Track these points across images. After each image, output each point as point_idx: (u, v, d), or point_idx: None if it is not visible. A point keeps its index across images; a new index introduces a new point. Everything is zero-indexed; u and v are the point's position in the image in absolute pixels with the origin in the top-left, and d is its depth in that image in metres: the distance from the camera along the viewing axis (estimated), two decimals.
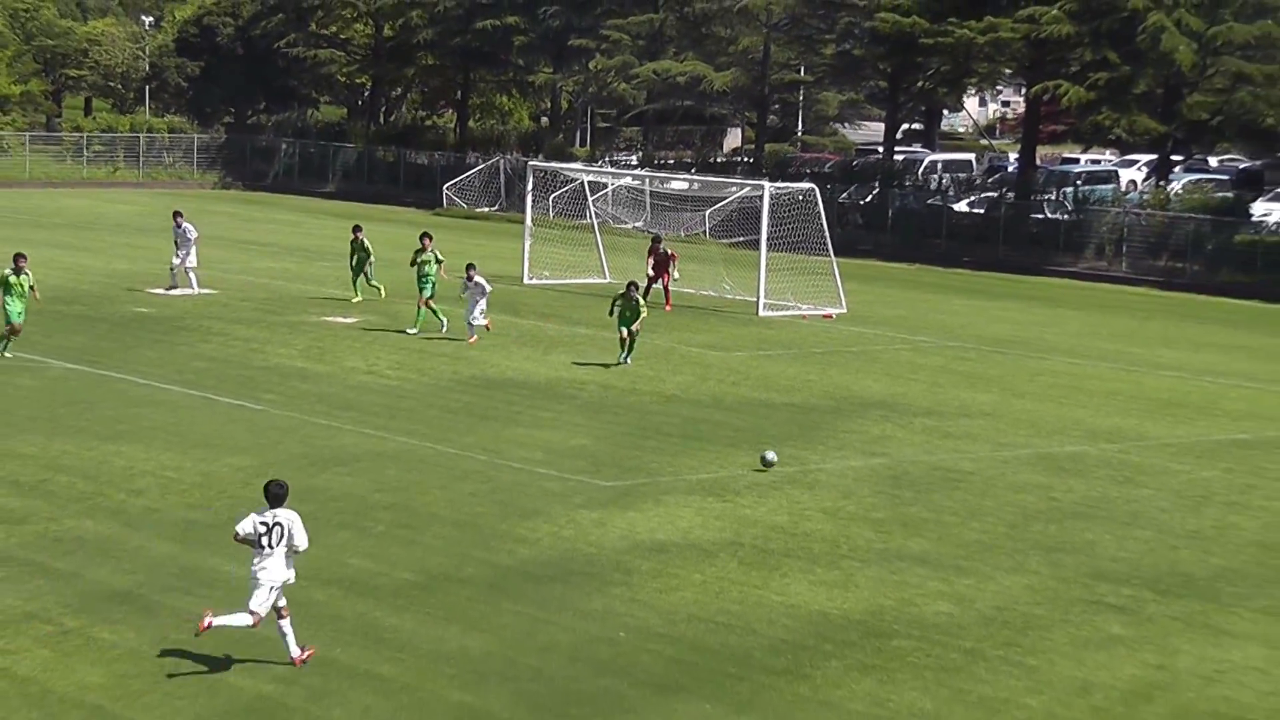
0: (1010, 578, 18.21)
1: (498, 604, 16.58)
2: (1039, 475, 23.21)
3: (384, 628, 15.77)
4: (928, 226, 54.75)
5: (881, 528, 19.98)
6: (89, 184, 67.30)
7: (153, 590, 16.61)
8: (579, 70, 67.88)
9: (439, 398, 26.92)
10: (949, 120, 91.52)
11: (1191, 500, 22.26)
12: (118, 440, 22.88)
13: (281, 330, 32.98)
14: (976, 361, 33.16)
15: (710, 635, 15.94)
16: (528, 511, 20.05)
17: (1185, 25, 49.87)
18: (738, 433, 25.08)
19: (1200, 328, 40.45)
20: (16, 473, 20.93)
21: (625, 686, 14.58)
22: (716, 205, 49.44)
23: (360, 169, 69.69)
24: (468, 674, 14.70)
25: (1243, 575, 18.84)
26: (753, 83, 62.92)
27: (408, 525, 19.32)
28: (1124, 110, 51.66)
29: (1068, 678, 15.27)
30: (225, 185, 71.10)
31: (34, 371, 27.78)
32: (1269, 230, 49.62)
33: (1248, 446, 25.92)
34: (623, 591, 17.11)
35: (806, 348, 33.92)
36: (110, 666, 14.57)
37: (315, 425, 24.39)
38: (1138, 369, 33.19)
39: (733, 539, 19.25)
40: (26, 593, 16.34)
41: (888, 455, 24.05)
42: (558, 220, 49.66)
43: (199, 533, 18.66)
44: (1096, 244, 51.57)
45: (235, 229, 53.10)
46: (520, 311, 36.78)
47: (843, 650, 15.66)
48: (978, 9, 53.58)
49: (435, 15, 67.92)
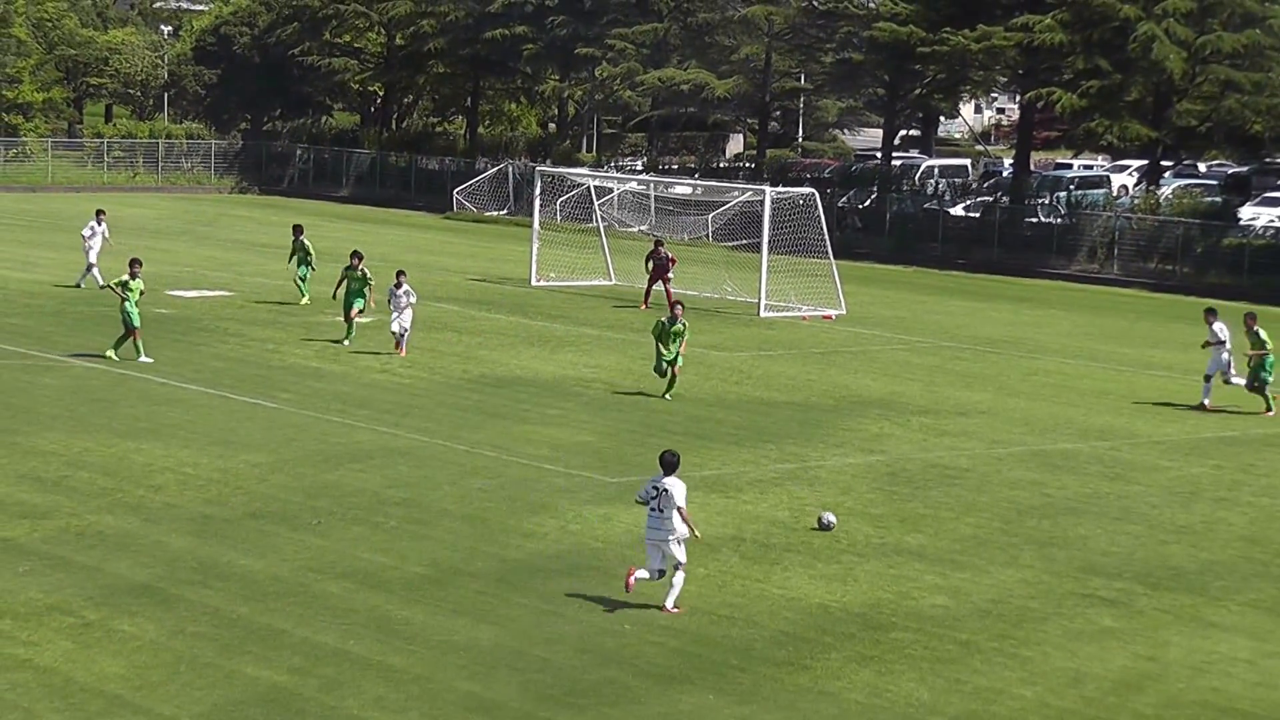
0: (1005, 572, 18.45)
1: (506, 597, 16.81)
2: (1032, 472, 23.43)
3: (396, 620, 15.99)
4: (924, 230, 55.08)
5: (880, 523, 20.21)
6: (109, 189, 67.59)
7: (171, 583, 16.83)
8: (585, 78, 68.24)
9: (450, 396, 27.20)
10: (945, 127, 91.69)
11: (1181, 496, 22.45)
12: (137, 437, 23.14)
13: (297, 330, 33.21)
14: (972, 361, 33.37)
15: (713, 627, 16.16)
16: (536, 506, 20.28)
17: (1175, 34, 50.25)
18: (739, 430, 25.32)
19: (1189, 329, 40.45)
20: (39, 469, 21.20)
21: (630, 677, 14.80)
22: (719, 209, 49.84)
23: (373, 174, 70.05)
24: (477, 665, 14.92)
25: (1231, 569, 19.03)
26: (754, 90, 63.25)
27: (419, 520, 19.55)
28: (1115, 117, 52.06)
29: (1060, 669, 15.49)
30: (242, 190, 71.52)
31: (57, 371, 28.03)
32: (1256, 234, 50.05)
33: (1235, 444, 26.09)
34: None
35: (806, 348, 34.22)
36: (130, 657, 14.78)
37: (330, 423, 24.67)
38: (1129, 369, 33.41)
39: (735, 534, 19.48)
40: (49, 585, 16.58)
41: (886, 453, 24.30)
42: (565, 224, 50.01)
43: (216, 527, 18.92)
44: (1089, 247, 51.93)
45: (251, 232, 53.37)
46: (528, 313, 37.10)
47: (842, 642, 15.89)
48: (973, 18, 53.95)
49: (446, 25, 68.32)
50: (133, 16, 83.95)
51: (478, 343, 32.49)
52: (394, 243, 52.24)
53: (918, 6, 55.08)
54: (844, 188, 58.50)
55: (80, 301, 36.15)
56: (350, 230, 55.26)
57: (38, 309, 34.98)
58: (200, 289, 38.17)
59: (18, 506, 19.54)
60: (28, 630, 15.41)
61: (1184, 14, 50.65)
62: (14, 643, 15.13)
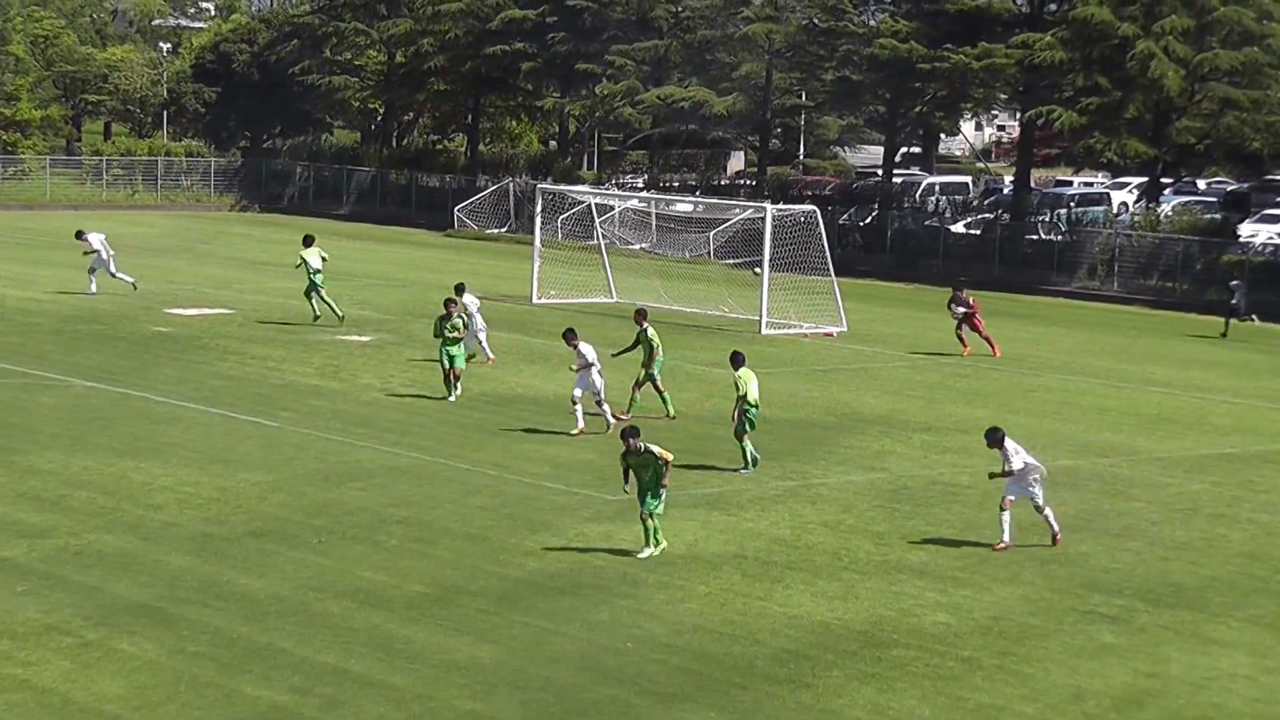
0: (1006, 589, 18.47)
1: (508, 615, 16.82)
2: None
3: (397, 638, 16.01)
4: (925, 247, 55.13)
5: (881, 540, 20.23)
6: (108, 206, 67.73)
7: (171, 603, 16.84)
8: (586, 95, 68.34)
9: (450, 414, 27.19)
10: (946, 144, 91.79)
11: (1181, 513, 22.47)
12: (137, 456, 23.16)
13: (297, 348, 33.23)
14: (973, 378, 33.39)
15: (715, 645, 16.18)
16: (537, 525, 20.30)
17: (1173, 52, 50.37)
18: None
19: (1189, 345, 40.67)
20: (38, 488, 21.22)
21: (632, 695, 14.82)
22: (720, 227, 49.89)
23: (374, 191, 70.17)
24: (478, 683, 14.93)
25: (1231, 585, 19.06)
26: (755, 108, 63.34)
27: (420, 539, 19.57)
28: (1115, 134, 52.16)
29: (1062, 685, 15.51)
30: (242, 208, 71.61)
31: (56, 390, 28.05)
32: (1255, 251, 50.12)
33: (1235, 460, 26.10)
34: (629, 603, 17.36)
35: (808, 365, 34.23)
36: (129, 677, 14.78)
37: (330, 441, 24.69)
38: (1129, 385, 33.40)
39: (737, 552, 19.50)
40: (47, 605, 16.58)
41: (887, 470, 24.32)
42: (566, 242, 50.06)
43: (216, 546, 18.93)
44: (1089, 264, 51.98)
45: (251, 250, 53.41)
46: (529, 330, 37.14)
47: (844, 660, 15.92)
48: (973, 36, 54.11)
49: (446, 42, 68.46)
50: (131, 34, 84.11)
51: (478, 360, 32.49)
52: (395, 261, 52.31)
53: (918, 24, 55.23)
54: (845, 205, 58.59)
55: (79, 320, 36.17)
56: (352, 249, 55.28)
57: (36, 327, 35.00)
58: (200, 307, 38.21)
59: (16, 526, 19.55)
60: (26, 650, 15.42)
61: (1182, 32, 50.78)
62: (12, 663, 15.14)
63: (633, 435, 19.10)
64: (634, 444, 18.98)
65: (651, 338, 26.89)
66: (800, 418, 28.12)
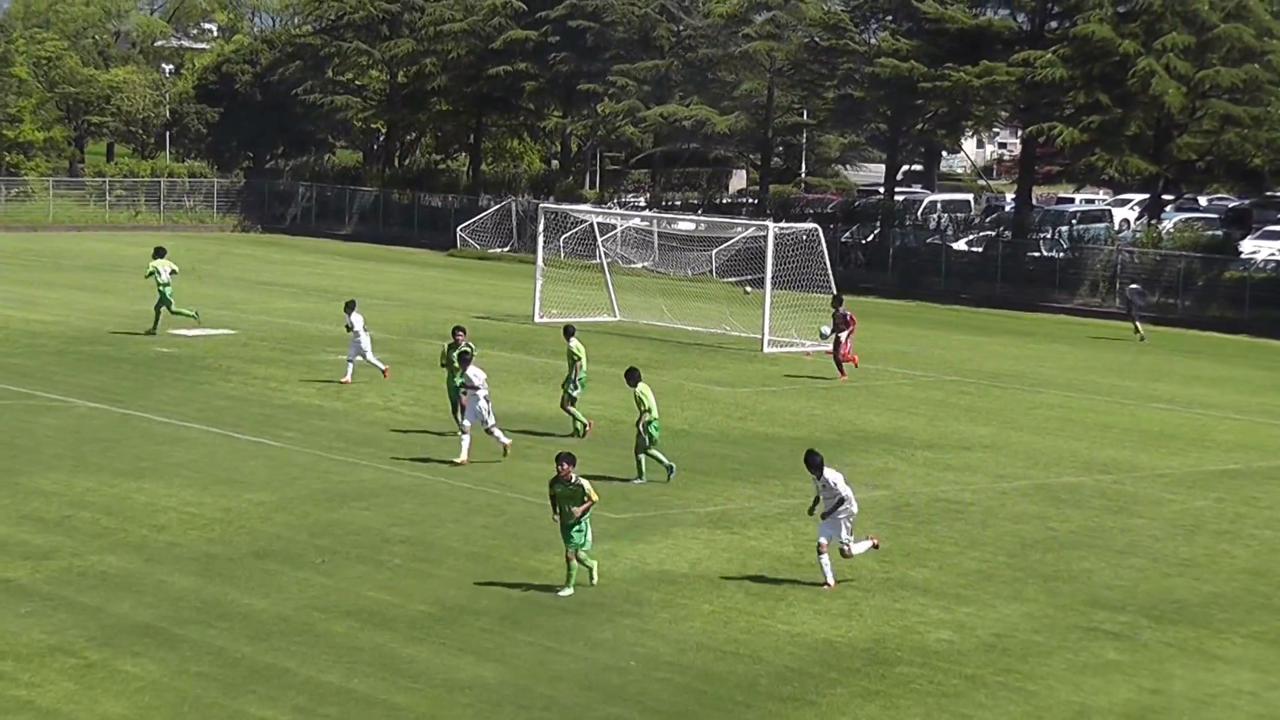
0: (1009, 606, 18.49)
1: (511, 634, 16.84)
2: (1036, 506, 23.46)
3: (400, 658, 16.02)
4: (927, 265, 55.22)
5: (884, 558, 20.20)
6: (111, 227, 67.89)
7: (175, 623, 16.85)
8: (588, 114, 68.49)
9: (452, 433, 27.28)
10: (948, 162, 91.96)
11: (1184, 529, 22.48)
12: (140, 477, 23.19)
13: (300, 369, 33.25)
14: (975, 395, 33.41)
15: (719, 663, 16.19)
16: (539, 544, 20.29)
17: (1174, 69, 50.50)
18: (743, 466, 25.35)
19: (1191, 362, 40.68)
20: (41, 510, 21.24)
21: (636, 714, 14.82)
22: (722, 245, 49.95)
23: (376, 211, 70.31)
24: (482, 703, 14.93)
25: (1234, 602, 19.07)
26: (757, 126, 63.48)
27: (423, 558, 19.59)
28: (1116, 151, 52.26)
29: (1065, 702, 15.51)
30: (244, 228, 71.75)
31: (59, 411, 28.08)
32: (1257, 267, 50.17)
33: (1238, 477, 26.11)
34: (633, 621, 17.38)
35: (810, 383, 34.30)
36: (133, 698, 14.79)
37: (333, 461, 24.72)
38: (1131, 402, 33.41)
39: (740, 570, 19.50)
40: (51, 626, 16.59)
41: (890, 487, 24.33)
42: (568, 260, 50.10)
43: (220, 566, 18.95)
44: (1091, 281, 52.05)
45: (254, 270, 53.51)
46: (531, 349, 37.18)
47: (847, 677, 15.92)
48: (974, 54, 54.22)
49: (448, 63, 68.68)
50: (134, 55, 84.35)
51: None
52: (398, 281, 52.39)
53: (919, 42, 55.39)
54: (847, 223, 58.66)
55: (82, 341, 36.24)
56: (354, 269, 55.42)
57: (40, 348, 35.07)
58: (203, 327, 38.24)
59: (20, 547, 19.57)
60: (29, 671, 15.42)
61: (1183, 49, 50.92)
62: (16, 684, 15.15)
63: (567, 461, 18.33)
64: (564, 470, 18.25)
65: (574, 350, 26.90)
66: (802, 435, 28.10)
